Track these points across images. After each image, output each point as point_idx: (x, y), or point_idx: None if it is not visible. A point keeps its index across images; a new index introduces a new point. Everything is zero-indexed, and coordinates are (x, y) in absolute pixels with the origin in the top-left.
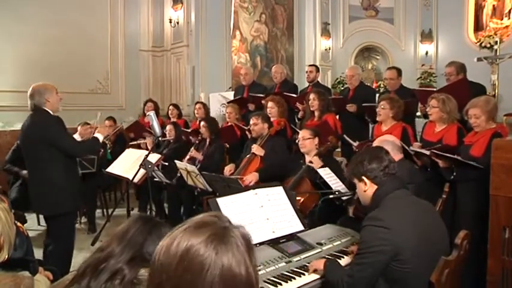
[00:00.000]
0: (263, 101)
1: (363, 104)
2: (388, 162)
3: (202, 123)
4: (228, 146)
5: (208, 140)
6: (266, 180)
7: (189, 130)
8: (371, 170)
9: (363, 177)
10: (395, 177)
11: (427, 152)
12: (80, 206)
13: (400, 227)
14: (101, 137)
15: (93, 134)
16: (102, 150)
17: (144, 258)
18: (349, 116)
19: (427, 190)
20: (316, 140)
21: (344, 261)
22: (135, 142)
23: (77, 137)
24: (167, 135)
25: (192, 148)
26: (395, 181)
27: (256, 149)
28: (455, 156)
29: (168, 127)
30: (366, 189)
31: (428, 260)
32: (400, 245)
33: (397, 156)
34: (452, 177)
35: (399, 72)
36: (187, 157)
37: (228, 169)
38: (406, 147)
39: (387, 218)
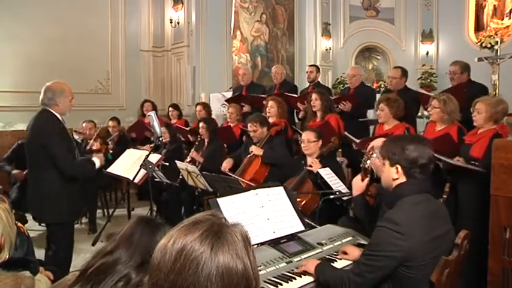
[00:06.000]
0: (264, 101)
1: (359, 120)
2: (428, 160)
3: (201, 124)
4: (225, 146)
5: (206, 140)
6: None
7: (187, 128)
8: (409, 161)
9: (398, 166)
10: (425, 179)
11: None
12: (80, 214)
13: (415, 233)
14: (97, 164)
15: (95, 135)
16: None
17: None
18: (349, 115)
19: None
20: (320, 142)
21: (341, 262)
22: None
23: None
24: (162, 138)
25: (193, 149)
26: (423, 184)
27: (254, 149)
28: (458, 163)
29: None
30: (396, 177)
31: (435, 266)
32: (411, 252)
33: None
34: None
35: (404, 72)
36: (188, 159)
37: (225, 165)
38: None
39: (404, 222)
